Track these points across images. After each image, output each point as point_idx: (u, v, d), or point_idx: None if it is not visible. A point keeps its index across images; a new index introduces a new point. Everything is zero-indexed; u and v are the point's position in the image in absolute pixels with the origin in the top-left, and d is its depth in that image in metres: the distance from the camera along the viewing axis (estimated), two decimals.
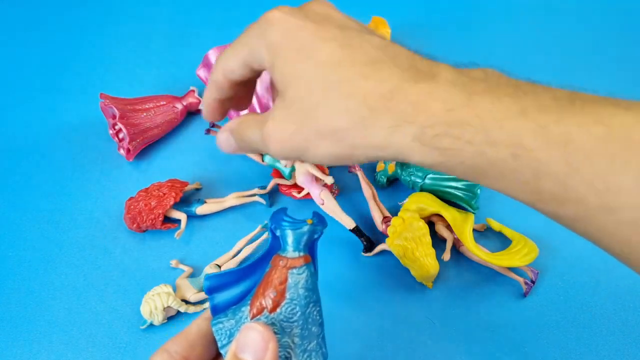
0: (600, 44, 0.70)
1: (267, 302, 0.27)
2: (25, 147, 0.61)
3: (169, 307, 0.47)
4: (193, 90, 0.62)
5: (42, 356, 0.47)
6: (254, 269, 0.29)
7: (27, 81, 0.68)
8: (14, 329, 0.48)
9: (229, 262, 0.51)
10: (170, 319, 0.48)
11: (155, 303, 0.46)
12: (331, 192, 0.53)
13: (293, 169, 0.54)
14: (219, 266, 0.50)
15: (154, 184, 0.53)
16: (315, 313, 0.27)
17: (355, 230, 0.51)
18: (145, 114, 0.58)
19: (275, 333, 0.26)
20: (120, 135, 0.58)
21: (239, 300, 0.28)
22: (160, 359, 0.26)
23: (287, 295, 0.27)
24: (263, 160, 0.56)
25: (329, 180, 0.51)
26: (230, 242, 0.52)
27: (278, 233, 0.28)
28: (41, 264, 0.52)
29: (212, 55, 0.58)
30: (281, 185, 0.55)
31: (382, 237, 0.51)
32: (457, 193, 0.52)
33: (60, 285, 0.51)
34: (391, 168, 0.54)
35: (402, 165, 0.54)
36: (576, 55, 0.68)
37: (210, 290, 0.28)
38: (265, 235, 0.52)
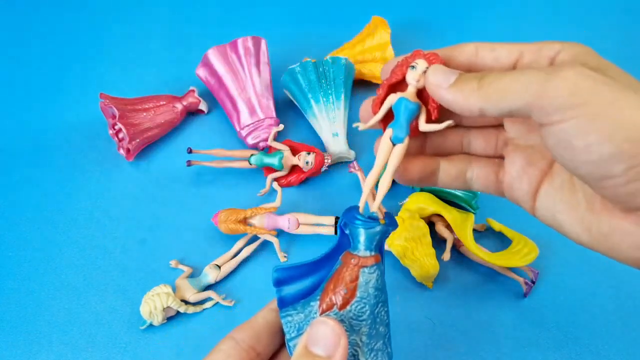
0: (602, 44, 0.70)
1: (338, 298, 0.27)
2: (25, 146, 0.61)
3: (168, 307, 0.47)
4: (193, 90, 0.62)
5: (41, 356, 0.47)
6: (321, 265, 0.29)
7: (26, 81, 0.68)
8: (14, 330, 0.48)
9: (228, 262, 0.51)
10: (169, 319, 0.48)
11: (154, 303, 0.46)
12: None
13: (282, 156, 0.54)
14: (219, 266, 0.50)
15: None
16: (383, 313, 0.28)
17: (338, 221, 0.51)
18: (145, 113, 0.58)
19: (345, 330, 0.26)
20: (120, 135, 0.58)
21: (305, 295, 0.28)
22: (228, 346, 0.26)
23: (358, 294, 0.27)
24: (250, 164, 0.56)
25: (278, 203, 0.52)
26: (229, 242, 0.52)
27: (347, 231, 0.28)
28: (41, 264, 0.52)
29: (212, 54, 0.58)
30: (278, 179, 0.56)
31: None
32: (457, 193, 0.52)
33: (60, 286, 0.50)
34: None
35: None
36: None
37: (278, 283, 0.28)
38: (264, 237, 0.52)
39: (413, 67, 0.27)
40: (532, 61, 0.25)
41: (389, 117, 0.28)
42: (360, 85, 0.65)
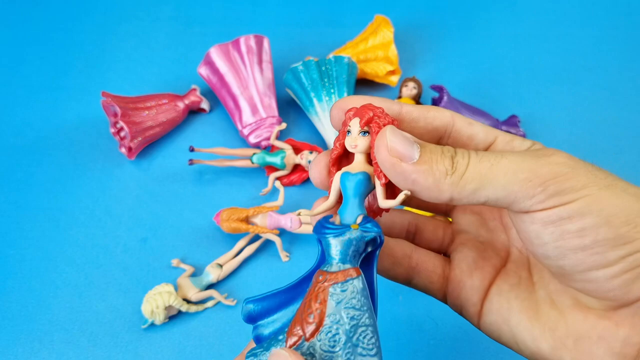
0: (603, 44, 0.69)
1: (305, 327, 0.22)
2: (27, 145, 0.61)
3: (170, 306, 0.47)
4: (195, 89, 0.62)
5: (42, 355, 0.46)
6: (300, 289, 0.24)
7: (28, 79, 0.67)
8: (15, 328, 0.48)
9: (230, 261, 0.51)
10: (171, 318, 0.48)
11: (156, 302, 0.46)
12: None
13: (284, 155, 0.54)
14: (221, 265, 0.50)
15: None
16: (368, 338, 0.22)
17: None
18: (146, 112, 0.58)
19: None
20: (122, 134, 0.58)
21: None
22: None
23: (328, 319, 0.22)
24: (252, 163, 0.56)
25: (280, 202, 0.52)
26: (231, 241, 0.52)
27: (323, 245, 0.24)
28: (42, 262, 0.52)
29: (214, 53, 0.58)
30: (281, 178, 0.56)
31: None
32: None
33: (62, 284, 0.50)
34: None
35: None
36: (579, 55, 0.68)
37: (251, 319, 0.23)
38: (266, 236, 0.51)
39: (349, 131, 0.23)
40: (503, 150, 0.23)
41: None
42: (363, 84, 0.64)
